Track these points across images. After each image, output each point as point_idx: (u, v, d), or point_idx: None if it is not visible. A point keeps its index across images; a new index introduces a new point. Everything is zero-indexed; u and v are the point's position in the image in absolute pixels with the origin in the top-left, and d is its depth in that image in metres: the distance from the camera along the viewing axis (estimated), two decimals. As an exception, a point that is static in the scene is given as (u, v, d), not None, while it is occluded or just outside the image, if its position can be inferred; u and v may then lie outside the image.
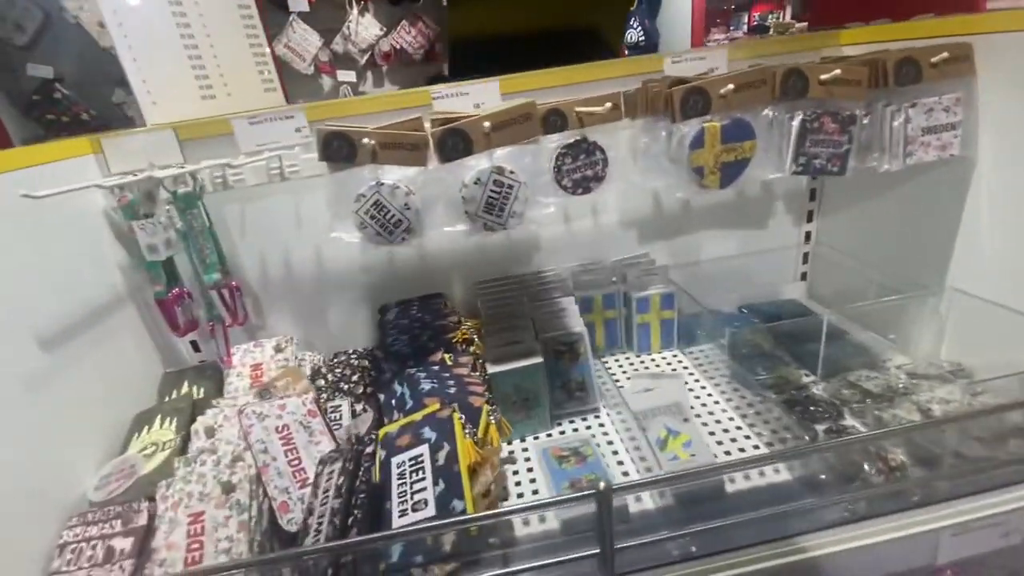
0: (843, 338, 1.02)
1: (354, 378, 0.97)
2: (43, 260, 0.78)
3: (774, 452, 0.75)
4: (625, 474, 0.81)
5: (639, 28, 4.09)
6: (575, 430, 0.91)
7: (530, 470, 0.83)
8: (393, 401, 0.89)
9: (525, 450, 0.88)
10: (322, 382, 0.95)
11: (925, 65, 0.77)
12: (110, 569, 0.65)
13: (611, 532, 0.58)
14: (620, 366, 1.08)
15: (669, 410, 0.84)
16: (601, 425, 0.92)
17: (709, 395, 0.96)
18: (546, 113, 0.74)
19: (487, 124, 0.69)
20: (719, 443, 0.84)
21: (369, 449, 0.72)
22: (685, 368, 1.05)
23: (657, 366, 1.07)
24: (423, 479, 0.72)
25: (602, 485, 0.56)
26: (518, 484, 0.81)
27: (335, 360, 1.04)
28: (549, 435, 0.91)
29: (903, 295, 0.93)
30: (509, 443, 0.89)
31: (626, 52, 2.77)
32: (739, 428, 0.87)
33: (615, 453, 0.85)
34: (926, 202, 0.93)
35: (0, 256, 0.71)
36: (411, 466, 0.75)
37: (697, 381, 1.00)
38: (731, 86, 0.73)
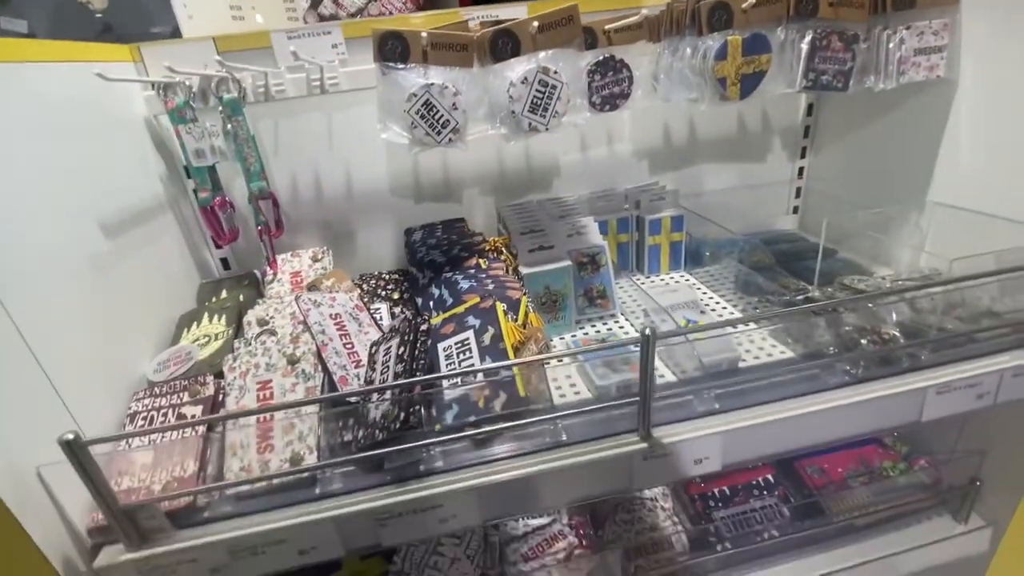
0: (834, 256, 1.12)
1: (389, 287, 1.02)
2: (99, 158, 0.80)
3: (785, 310, 0.85)
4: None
5: None
6: (597, 331, 0.99)
7: (560, 360, 0.91)
8: (431, 303, 0.95)
9: (554, 347, 0.95)
10: (357, 291, 1.00)
11: (918, -9, 0.86)
12: (186, 432, 0.70)
13: (652, 377, 0.66)
14: (632, 285, 1.15)
15: (687, 306, 0.92)
16: (621, 327, 1.00)
17: (717, 303, 1.05)
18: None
19: (535, 24, 0.75)
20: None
21: (424, 326, 0.78)
22: (692, 285, 1.13)
23: (666, 284, 1.15)
24: (470, 357, 0.79)
25: (647, 330, 0.63)
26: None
27: (363, 277, 1.09)
28: (574, 336, 0.98)
29: (884, 209, 1.04)
30: (539, 341, 0.96)
31: None
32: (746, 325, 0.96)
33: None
34: (910, 128, 1.03)
35: (63, 145, 0.73)
36: (457, 348, 0.81)
37: (705, 294, 1.09)
38: (752, 1, 0.80)
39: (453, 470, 0.68)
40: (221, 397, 0.74)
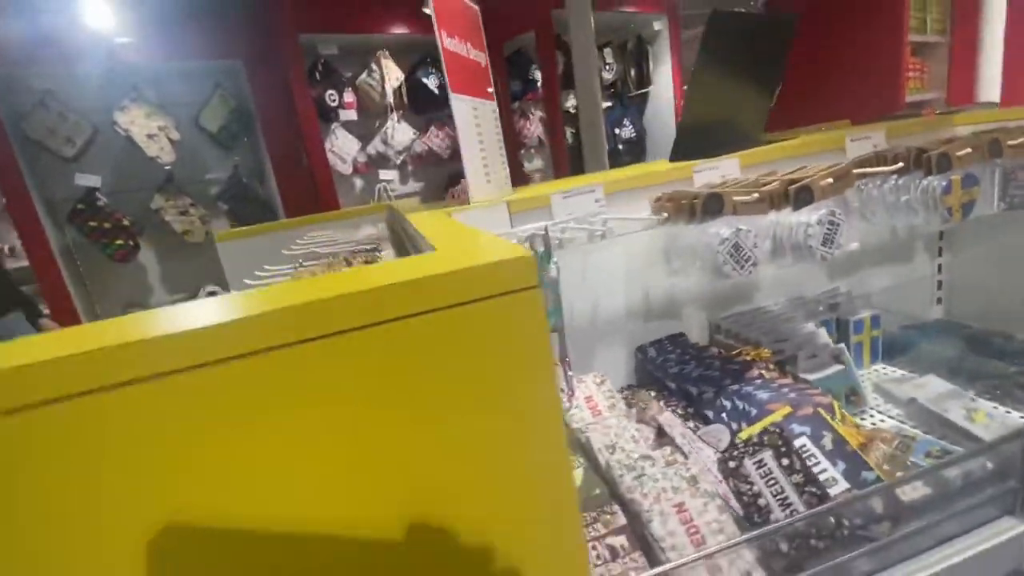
0: (1013, 339, 1.29)
1: (660, 403, 1.11)
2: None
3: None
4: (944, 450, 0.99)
5: (631, 127, 4.74)
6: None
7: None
8: (724, 415, 1.03)
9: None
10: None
11: (1069, 133, 1.12)
12: (624, 562, 0.74)
13: (1035, 465, 0.76)
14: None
15: (951, 395, 1.05)
16: (883, 420, 1.10)
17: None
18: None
19: (830, 180, 0.95)
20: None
21: (786, 434, 0.86)
22: (904, 376, 1.27)
23: (887, 377, 1.28)
24: (819, 463, 0.87)
25: (1035, 422, 0.75)
26: (861, 468, 0.96)
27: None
28: (846, 433, 1.07)
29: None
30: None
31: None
32: (995, 408, 1.08)
33: (915, 439, 1.03)
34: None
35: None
36: (801, 453, 0.89)
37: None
38: (969, 149, 1.03)
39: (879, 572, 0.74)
40: (638, 525, 0.79)
